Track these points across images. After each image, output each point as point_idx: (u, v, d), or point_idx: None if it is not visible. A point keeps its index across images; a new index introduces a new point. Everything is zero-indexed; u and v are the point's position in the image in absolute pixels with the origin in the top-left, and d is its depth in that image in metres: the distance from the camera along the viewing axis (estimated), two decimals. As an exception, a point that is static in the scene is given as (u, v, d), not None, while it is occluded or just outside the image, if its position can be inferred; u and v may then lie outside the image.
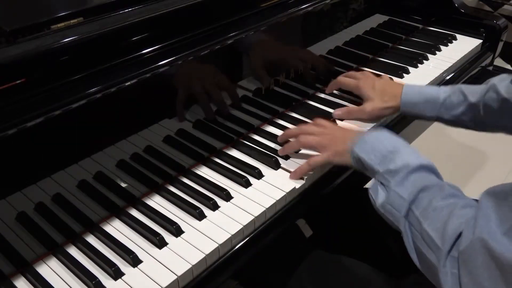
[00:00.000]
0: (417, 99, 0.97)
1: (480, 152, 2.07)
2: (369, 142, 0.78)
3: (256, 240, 0.78)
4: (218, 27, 0.88)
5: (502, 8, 2.69)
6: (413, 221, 0.67)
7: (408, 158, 0.73)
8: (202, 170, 0.89)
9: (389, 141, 0.77)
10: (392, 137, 0.79)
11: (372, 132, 0.81)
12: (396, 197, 0.69)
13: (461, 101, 0.94)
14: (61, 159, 0.73)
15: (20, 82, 0.66)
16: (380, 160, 0.75)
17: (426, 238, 0.63)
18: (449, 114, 0.95)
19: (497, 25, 1.35)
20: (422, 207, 0.66)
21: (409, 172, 0.71)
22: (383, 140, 0.78)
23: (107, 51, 0.75)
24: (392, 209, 0.70)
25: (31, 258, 0.71)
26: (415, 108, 0.98)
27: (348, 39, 1.21)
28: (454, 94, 0.95)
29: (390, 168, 0.72)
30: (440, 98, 0.95)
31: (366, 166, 0.77)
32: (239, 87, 0.97)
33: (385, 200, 0.71)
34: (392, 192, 0.70)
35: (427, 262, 0.63)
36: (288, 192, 0.83)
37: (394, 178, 0.71)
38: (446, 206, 0.64)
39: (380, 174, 0.74)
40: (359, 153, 0.78)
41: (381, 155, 0.75)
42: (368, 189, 0.76)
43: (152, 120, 0.83)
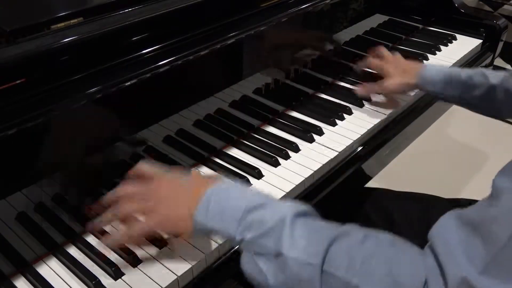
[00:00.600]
0: (438, 77, 0.98)
1: (480, 152, 2.07)
2: (214, 203, 0.60)
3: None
4: (218, 27, 0.88)
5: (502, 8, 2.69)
6: (337, 285, 0.52)
7: (277, 210, 0.57)
8: (202, 170, 0.89)
9: (240, 196, 0.61)
10: (241, 189, 0.63)
11: (214, 191, 0.61)
12: (299, 266, 0.52)
13: (482, 82, 0.93)
14: (61, 159, 0.73)
15: (20, 82, 0.66)
16: (239, 224, 0.57)
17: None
18: (469, 95, 0.95)
19: (497, 25, 1.35)
20: (343, 266, 0.51)
21: (291, 226, 0.55)
22: (231, 197, 0.60)
23: (107, 51, 0.75)
24: (300, 283, 0.53)
25: (31, 258, 0.71)
26: (435, 86, 0.99)
27: (348, 39, 1.21)
28: (476, 75, 0.95)
29: (261, 231, 0.55)
30: (461, 77, 0.96)
31: (223, 237, 0.62)
32: (239, 87, 0.97)
33: (283, 275, 0.54)
34: (290, 261, 0.53)
35: None
36: (288, 192, 0.83)
37: (278, 240, 0.54)
38: (372, 253, 0.52)
39: (247, 242, 0.56)
40: (206, 223, 0.60)
41: (238, 217, 0.57)
42: (241, 268, 0.59)
43: (152, 120, 0.83)
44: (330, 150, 0.93)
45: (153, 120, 0.83)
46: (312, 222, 0.57)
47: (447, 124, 2.17)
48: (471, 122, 2.21)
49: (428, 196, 1.01)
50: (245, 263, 0.57)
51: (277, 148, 0.93)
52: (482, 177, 1.95)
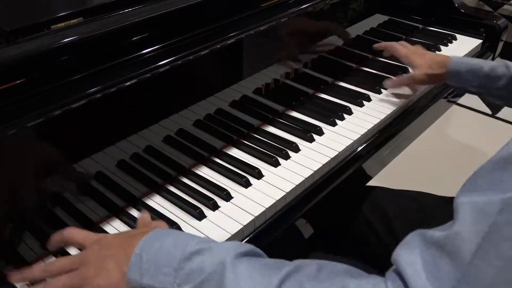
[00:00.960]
0: (462, 68, 1.00)
1: (480, 152, 2.07)
2: (147, 257, 0.54)
3: (256, 240, 0.78)
4: (218, 27, 0.88)
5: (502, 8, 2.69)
6: None
7: (216, 253, 0.52)
8: (202, 170, 0.89)
9: (173, 245, 0.54)
10: (173, 236, 0.56)
11: (145, 242, 0.56)
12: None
13: (505, 73, 0.96)
14: (61, 159, 0.73)
15: (20, 82, 0.66)
16: (175, 276, 0.52)
17: None
18: (492, 86, 0.97)
19: (497, 25, 1.35)
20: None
21: (233, 269, 0.50)
22: (163, 247, 0.54)
23: (107, 51, 0.75)
24: None
25: (31, 258, 0.71)
26: (460, 78, 1.01)
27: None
28: (499, 67, 0.97)
29: (201, 279, 0.51)
30: (485, 69, 0.97)
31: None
32: (239, 87, 0.97)
33: None
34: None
35: None
36: (288, 192, 0.83)
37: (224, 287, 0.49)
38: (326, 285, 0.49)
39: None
40: (140, 281, 0.53)
41: (172, 269, 0.52)
42: None
43: (152, 120, 0.83)
44: (330, 150, 0.93)
45: (153, 120, 0.83)
46: (257, 261, 0.52)
47: (447, 124, 2.17)
48: (471, 122, 2.21)
49: (426, 195, 1.01)
50: None
51: (277, 148, 0.93)
52: (482, 177, 1.95)
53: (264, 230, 0.80)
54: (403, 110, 1.10)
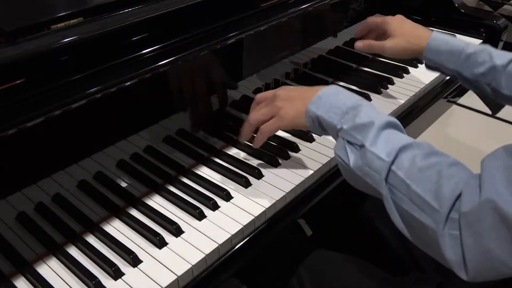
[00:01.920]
0: (443, 47, 0.95)
1: (480, 152, 2.07)
2: (325, 99, 0.74)
3: (256, 240, 0.78)
4: (218, 27, 0.88)
5: (502, 8, 2.69)
6: (397, 183, 0.63)
7: (373, 114, 0.69)
8: (202, 170, 0.89)
9: (347, 97, 0.74)
10: (349, 92, 0.75)
11: (326, 89, 0.76)
12: (374, 158, 0.65)
13: (486, 60, 0.90)
14: (61, 159, 0.73)
15: (20, 82, 0.66)
16: (341, 116, 0.70)
17: (417, 201, 0.60)
18: (470, 72, 0.92)
19: (497, 25, 1.35)
20: (405, 168, 0.62)
21: (379, 129, 0.67)
22: (340, 96, 0.74)
23: (107, 51, 0.75)
24: (370, 171, 0.65)
25: (31, 258, 0.71)
26: (438, 57, 0.95)
27: (348, 39, 1.21)
28: (481, 52, 0.91)
29: (355, 124, 0.68)
30: (466, 52, 0.92)
31: (325, 125, 0.73)
32: (239, 87, 0.97)
33: (361, 161, 0.67)
34: (368, 153, 0.65)
35: (419, 225, 0.61)
36: (288, 192, 0.83)
37: (365, 135, 0.67)
38: (432, 165, 0.61)
39: (344, 131, 0.70)
40: (316, 112, 0.74)
41: (341, 112, 0.71)
42: (334, 151, 0.72)
43: (152, 120, 0.83)
44: (330, 149, 0.93)
45: (153, 120, 0.83)
46: (396, 133, 0.68)
47: (447, 124, 2.17)
48: (471, 122, 2.21)
49: None
50: (338, 147, 0.71)
51: (277, 148, 0.93)
52: (482, 177, 1.95)
53: (264, 230, 0.80)
54: (403, 110, 1.10)
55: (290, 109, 0.79)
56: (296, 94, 0.80)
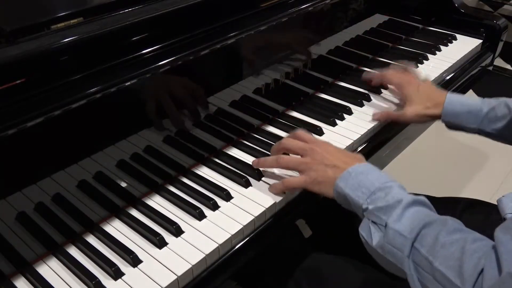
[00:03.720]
0: (459, 109, 0.94)
1: (480, 152, 2.07)
2: (354, 177, 0.73)
3: (256, 240, 0.78)
4: (218, 27, 0.88)
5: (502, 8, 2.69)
6: (420, 260, 0.62)
7: (400, 194, 0.69)
8: (202, 170, 0.89)
9: (376, 177, 0.72)
10: (379, 172, 0.74)
11: (357, 167, 0.75)
12: (396, 236, 0.64)
13: (505, 114, 0.91)
14: (61, 159, 0.73)
15: (20, 82, 0.66)
16: (368, 196, 0.70)
17: (439, 279, 0.59)
18: (492, 127, 0.92)
19: (497, 25, 1.35)
20: (428, 245, 0.62)
21: (404, 208, 0.66)
22: (369, 176, 0.73)
23: (107, 51, 0.75)
24: (393, 249, 0.65)
25: (31, 258, 0.71)
26: (457, 119, 0.95)
27: (348, 39, 1.21)
28: (499, 107, 0.92)
29: (381, 205, 0.68)
30: (484, 110, 0.92)
31: (351, 202, 0.72)
32: (239, 86, 0.97)
33: (383, 240, 0.66)
34: (391, 231, 0.65)
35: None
36: (288, 192, 0.83)
37: (389, 215, 0.66)
38: (455, 241, 0.60)
39: (369, 212, 0.69)
40: (344, 189, 0.73)
41: (369, 192, 0.70)
42: (358, 230, 0.71)
43: (152, 120, 0.83)
44: (330, 150, 0.93)
45: (153, 120, 0.83)
46: (422, 209, 0.67)
47: (447, 124, 2.17)
48: (471, 122, 2.21)
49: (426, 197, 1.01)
50: (362, 226, 0.71)
51: (277, 148, 0.93)
52: (482, 177, 1.95)
53: (264, 230, 0.80)
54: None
55: (321, 176, 0.77)
56: (331, 160, 0.77)
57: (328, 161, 0.77)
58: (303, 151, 0.81)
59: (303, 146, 0.81)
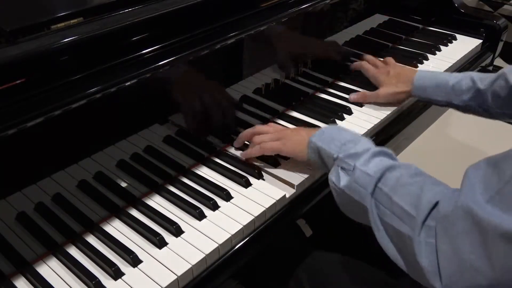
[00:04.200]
0: (428, 83, 1.01)
1: (480, 152, 2.07)
2: (327, 133, 0.80)
3: (256, 240, 0.78)
4: (218, 27, 0.88)
5: (502, 8, 2.69)
6: (381, 197, 0.67)
7: (368, 144, 0.76)
8: (202, 170, 0.89)
9: (347, 133, 0.80)
10: (350, 130, 0.81)
11: (330, 127, 0.85)
12: (362, 175, 0.70)
13: (470, 87, 0.97)
14: (61, 159, 0.73)
15: (20, 82, 0.66)
16: (339, 147, 0.76)
17: (396, 211, 0.63)
18: (458, 99, 0.98)
19: (497, 25, 1.35)
20: (390, 185, 0.67)
21: (372, 155, 0.72)
22: (341, 131, 0.80)
23: (107, 51, 0.75)
24: (357, 187, 0.70)
25: (31, 258, 0.71)
26: (425, 92, 1.02)
27: (348, 39, 1.21)
28: (464, 80, 0.98)
29: (351, 152, 0.74)
30: (450, 83, 0.99)
31: (323, 155, 0.78)
32: (239, 87, 0.97)
33: (351, 180, 0.71)
34: (358, 171, 0.71)
35: (398, 235, 0.63)
36: (288, 192, 0.83)
37: (358, 160, 0.72)
38: (415, 182, 0.65)
39: (340, 159, 0.75)
40: (317, 143, 0.79)
41: (340, 144, 0.76)
42: (328, 177, 0.77)
43: (152, 120, 0.83)
44: (330, 150, 0.93)
45: (153, 120, 0.83)
46: (387, 160, 0.72)
47: (447, 124, 2.17)
48: (471, 122, 2.21)
49: None
50: (332, 172, 0.76)
51: (277, 148, 0.93)
52: (482, 177, 1.95)
53: (264, 230, 0.80)
54: (403, 110, 1.10)
55: (295, 137, 0.85)
56: (303, 130, 0.87)
57: (300, 130, 0.87)
58: (277, 133, 0.88)
59: (277, 129, 0.90)
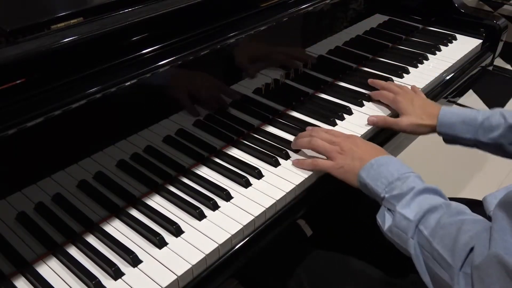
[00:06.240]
0: (454, 119, 0.95)
1: (480, 152, 2.07)
2: (376, 168, 0.78)
3: (256, 240, 0.78)
4: (218, 27, 0.88)
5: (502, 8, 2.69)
6: (423, 241, 0.66)
7: (414, 182, 0.73)
8: (202, 170, 0.89)
9: (396, 169, 0.77)
10: (399, 163, 0.79)
11: (380, 158, 0.80)
12: (402, 219, 0.69)
13: (501, 123, 0.91)
14: (61, 159, 0.73)
15: (20, 82, 0.66)
16: (386, 186, 0.75)
17: (437, 257, 0.62)
18: (487, 137, 0.92)
19: (497, 25, 1.35)
20: (430, 227, 0.66)
21: (415, 194, 0.71)
22: (390, 166, 0.78)
23: (107, 51, 0.75)
24: (398, 232, 0.70)
25: (31, 258, 0.71)
26: (452, 129, 0.95)
27: (348, 39, 1.21)
28: (493, 116, 0.92)
29: (395, 194, 0.73)
30: (478, 120, 0.93)
31: (371, 192, 0.78)
32: (239, 86, 0.97)
33: (392, 223, 0.71)
34: (398, 215, 0.70)
35: (440, 282, 0.62)
36: (288, 192, 0.83)
37: (400, 201, 0.71)
38: (455, 223, 0.63)
39: (386, 200, 0.74)
40: (365, 179, 0.78)
41: (387, 182, 0.75)
42: (376, 217, 0.76)
43: (152, 120, 0.83)
44: (330, 150, 0.93)
45: (153, 120, 0.83)
46: (432, 196, 0.71)
47: (447, 124, 2.17)
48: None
49: None
50: (379, 214, 0.76)
51: (277, 148, 0.93)
52: (482, 177, 1.95)
53: (264, 230, 0.80)
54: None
55: (348, 165, 0.83)
56: (358, 153, 0.83)
57: (356, 154, 0.83)
58: (332, 143, 0.87)
59: (333, 139, 0.87)
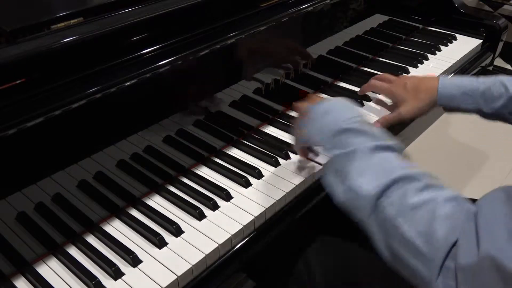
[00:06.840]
0: (455, 91, 0.94)
1: (480, 152, 2.07)
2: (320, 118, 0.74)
3: (256, 240, 0.78)
4: (218, 27, 0.88)
5: (502, 8, 2.69)
6: (386, 223, 0.58)
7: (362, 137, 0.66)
8: (202, 170, 0.89)
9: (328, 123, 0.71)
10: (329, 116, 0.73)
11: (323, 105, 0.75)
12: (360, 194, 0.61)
13: (502, 93, 0.89)
14: (61, 159, 0.73)
15: (20, 82, 0.66)
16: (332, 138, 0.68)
17: (408, 245, 0.55)
18: (489, 107, 0.91)
19: (497, 25, 1.35)
20: (396, 204, 0.57)
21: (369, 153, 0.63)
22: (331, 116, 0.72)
23: (107, 51, 0.75)
24: (355, 208, 0.63)
25: (31, 258, 0.71)
26: (453, 101, 0.94)
27: (348, 39, 1.21)
28: (494, 86, 0.90)
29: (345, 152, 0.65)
30: (479, 90, 0.91)
31: None
32: (239, 87, 0.97)
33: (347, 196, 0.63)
34: (354, 187, 0.62)
35: (411, 270, 0.56)
36: (288, 192, 0.83)
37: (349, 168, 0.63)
38: (424, 203, 0.56)
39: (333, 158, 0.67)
40: None
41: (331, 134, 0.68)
42: None
43: (152, 120, 0.83)
44: (330, 150, 0.93)
45: (153, 120, 0.83)
46: (387, 157, 0.63)
47: (447, 124, 2.17)
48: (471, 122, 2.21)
49: None
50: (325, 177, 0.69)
51: (277, 148, 0.93)
52: (482, 177, 1.95)
53: (264, 230, 0.80)
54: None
55: None
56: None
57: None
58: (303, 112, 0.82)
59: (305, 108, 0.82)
